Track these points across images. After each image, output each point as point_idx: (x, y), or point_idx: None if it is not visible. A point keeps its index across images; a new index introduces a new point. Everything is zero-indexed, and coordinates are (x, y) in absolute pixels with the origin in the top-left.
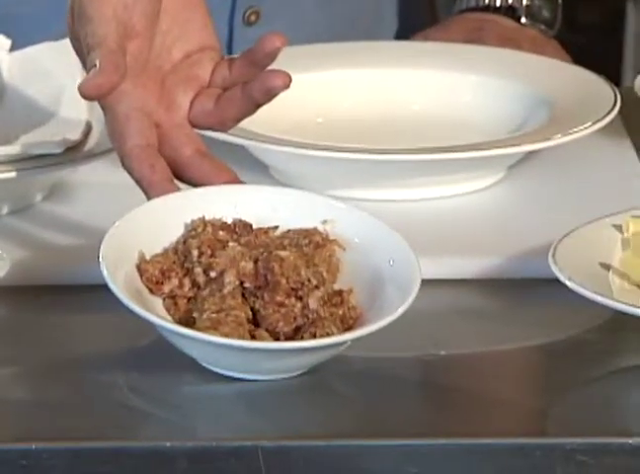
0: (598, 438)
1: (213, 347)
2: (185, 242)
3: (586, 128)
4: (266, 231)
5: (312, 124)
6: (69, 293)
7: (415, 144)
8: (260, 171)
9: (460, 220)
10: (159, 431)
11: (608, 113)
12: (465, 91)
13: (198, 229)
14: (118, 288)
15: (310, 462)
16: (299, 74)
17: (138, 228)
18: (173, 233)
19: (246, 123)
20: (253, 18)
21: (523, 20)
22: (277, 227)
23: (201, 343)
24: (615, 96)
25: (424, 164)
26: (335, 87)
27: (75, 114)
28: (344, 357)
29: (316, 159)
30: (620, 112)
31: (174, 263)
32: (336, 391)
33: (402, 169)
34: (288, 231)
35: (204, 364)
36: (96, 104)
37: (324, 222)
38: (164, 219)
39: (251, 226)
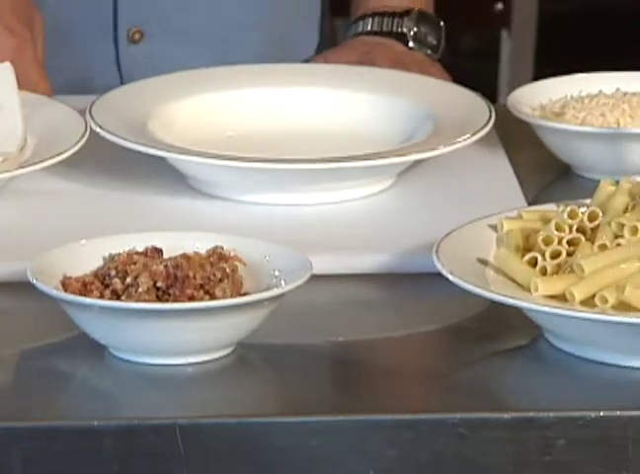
0: (476, 414)
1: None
2: (104, 267)
3: (465, 140)
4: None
5: (224, 138)
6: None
7: (315, 155)
8: (178, 180)
9: (356, 221)
10: (87, 411)
11: (485, 125)
12: (360, 107)
13: (114, 257)
14: (44, 284)
15: (223, 438)
16: (212, 93)
17: (60, 259)
18: (92, 264)
19: (164, 137)
20: (137, 37)
21: (411, 44)
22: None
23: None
24: (490, 111)
25: (322, 172)
26: (244, 105)
27: (12, 129)
28: (255, 346)
29: (227, 168)
30: (495, 125)
31: (95, 277)
32: (248, 374)
33: (303, 176)
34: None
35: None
36: (31, 119)
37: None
38: (84, 254)
39: (161, 251)
